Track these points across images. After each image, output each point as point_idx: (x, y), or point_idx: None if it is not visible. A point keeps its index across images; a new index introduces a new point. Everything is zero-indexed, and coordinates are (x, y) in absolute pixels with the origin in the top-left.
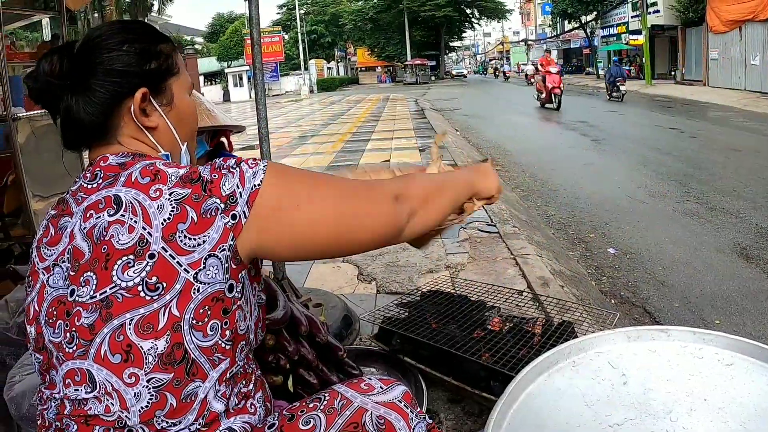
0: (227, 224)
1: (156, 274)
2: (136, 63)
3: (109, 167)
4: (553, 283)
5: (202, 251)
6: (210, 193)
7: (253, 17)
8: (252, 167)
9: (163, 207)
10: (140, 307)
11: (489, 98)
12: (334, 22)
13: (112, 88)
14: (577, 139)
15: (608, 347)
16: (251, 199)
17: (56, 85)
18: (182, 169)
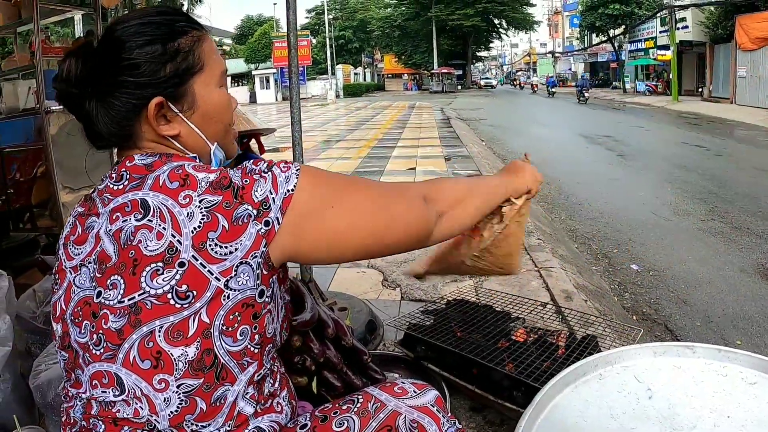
0: (260, 231)
1: (186, 282)
2: (148, 71)
3: (135, 168)
4: (576, 297)
5: (233, 259)
6: (241, 200)
7: (290, 22)
8: (285, 171)
9: (193, 215)
10: (170, 315)
11: (515, 109)
12: (362, 28)
13: (127, 99)
14: (603, 154)
15: (634, 361)
16: (285, 204)
17: (74, 93)
18: (212, 174)
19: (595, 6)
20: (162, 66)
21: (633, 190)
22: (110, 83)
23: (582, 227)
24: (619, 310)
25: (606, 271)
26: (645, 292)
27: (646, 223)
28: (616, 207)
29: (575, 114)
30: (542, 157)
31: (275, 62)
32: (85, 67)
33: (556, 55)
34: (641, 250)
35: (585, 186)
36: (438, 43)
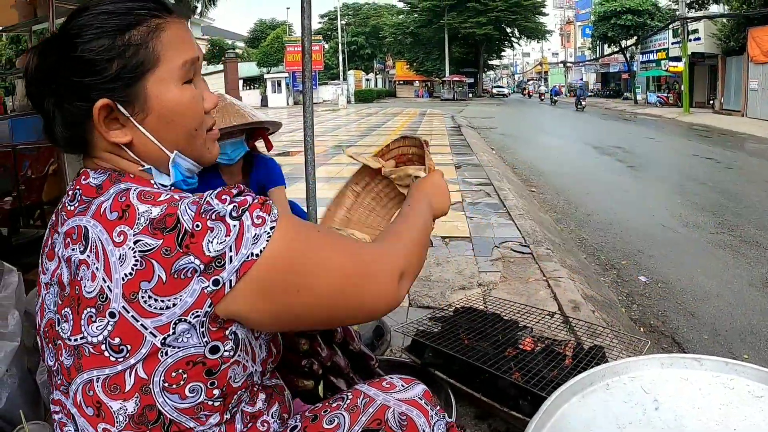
0: (205, 289)
1: (118, 335)
2: (91, 70)
3: (87, 187)
4: (584, 307)
5: (171, 315)
6: (186, 251)
7: (305, 27)
8: (256, 225)
9: (125, 258)
10: (105, 367)
11: (525, 118)
12: (375, 34)
13: (76, 101)
14: (613, 165)
15: (642, 372)
16: (243, 269)
17: (33, 89)
18: (156, 208)
19: (608, 16)
20: (109, 63)
21: (643, 202)
22: (61, 83)
23: (591, 238)
24: (627, 322)
25: (614, 282)
26: (653, 303)
27: (655, 234)
28: (625, 218)
29: (585, 124)
30: (552, 168)
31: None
32: (42, 63)
33: (568, 65)
34: (650, 261)
35: (595, 196)
36: (450, 51)
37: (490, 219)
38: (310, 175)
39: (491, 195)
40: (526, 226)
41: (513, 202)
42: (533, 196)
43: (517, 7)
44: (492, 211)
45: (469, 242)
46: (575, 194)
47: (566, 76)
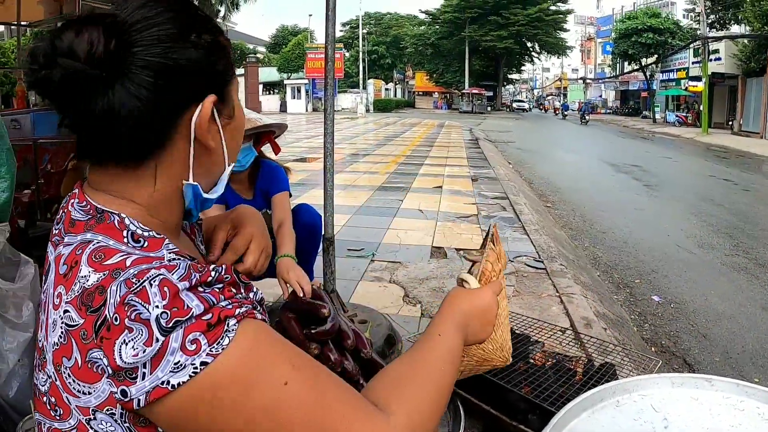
0: (114, 395)
1: (53, 395)
2: (204, 60)
3: (69, 217)
4: (596, 325)
5: (87, 402)
6: (99, 344)
7: (329, 34)
8: (187, 352)
9: (55, 325)
10: (48, 419)
11: (542, 133)
12: (396, 44)
13: (177, 91)
14: (630, 183)
15: (652, 391)
16: (153, 395)
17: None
18: (96, 275)
19: (629, 34)
20: (217, 59)
21: (658, 221)
22: (155, 67)
23: (605, 255)
24: (638, 341)
25: (627, 300)
26: (665, 324)
27: (670, 254)
28: (640, 237)
29: (603, 141)
30: (569, 184)
31: (307, 73)
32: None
33: (587, 82)
34: (663, 281)
35: (610, 214)
36: (470, 64)
37: (505, 233)
38: (329, 181)
39: (507, 209)
40: (540, 241)
41: (528, 216)
42: (549, 211)
43: (538, 21)
44: (507, 225)
45: None
46: (591, 211)
47: (585, 92)
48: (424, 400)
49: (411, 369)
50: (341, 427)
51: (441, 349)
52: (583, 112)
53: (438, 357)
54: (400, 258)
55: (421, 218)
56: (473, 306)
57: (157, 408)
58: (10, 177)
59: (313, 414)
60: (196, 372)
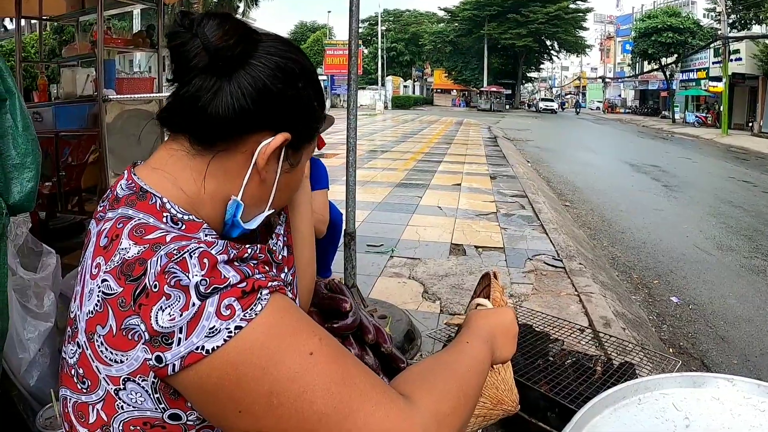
0: (148, 361)
1: (82, 366)
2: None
3: (113, 195)
4: (614, 324)
5: (119, 370)
6: (137, 310)
7: (352, 30)
8: (221, 317)
9: (92, 294)
10: (74, 392)
11: (560, 131)
12: (414, 41)
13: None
14: (648, 183)
15: (674, 389)
16: (188, 360)
17: (217, 63)
18: (137, 247)
19: (649, 33)
20: (313, 119)
21: (677, 222)
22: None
23: (623, 255)
24: (657, 342)
25: (645, 301)
26: (683, 325)
27: (689, 256)
28: (658, 238)
29: (621, 141)
30: (587, 183)
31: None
32: (247, 48)
33: (607, 81)
34: (682, 282)
35: (628, 214)
36: (489, 61)
37: (524, 231)
38: (351, 176)
39: (525, 207)
40: (559, 240)
41: (547, 215)
42: (567, 210)
43: (557, 20)
44: (526, 224)
45: (502, 253)
46: (609, 211)
47: (604, 91)
48: (447, 397)
49: (437, 367)
50: (364, 403)
51: (468, 354)
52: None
53: (464, 362)
54: (419, 254)
55: (440, 215)
56: (498, 322)
57: (189, 374)
58: (35, 167)
59: (336, 386)
60: (230, 336)
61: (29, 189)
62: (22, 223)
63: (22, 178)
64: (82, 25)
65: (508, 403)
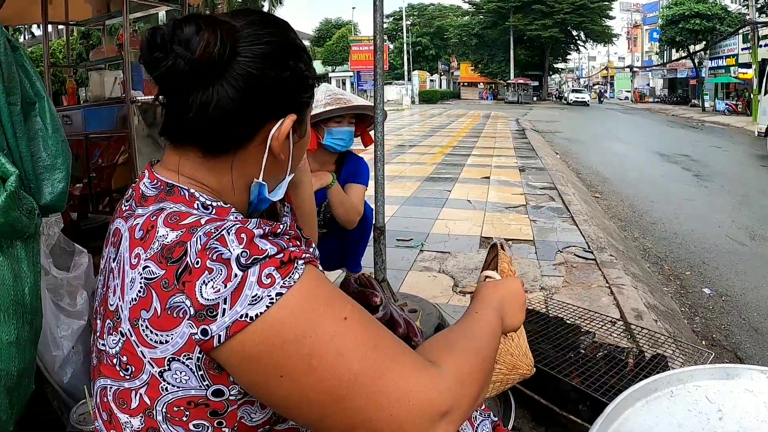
0: (194, 336)
1: (126, 354)
2: (299, 87)
3: (138, 194)
4: (646, 317)
5: (164, 351)
6: (181, 288)
7: (377, 24)
8: (263, 285)
9: (134, 282)
10: (116, 380)
11: (589, 122)
12: (440, 35)
13: (269, 103)
14: (679, 173)
15: (706, 381)
16: (233, 329)
17: (201, 74)
18: (175, 232)
19: (676, 20)
20: (306, 90)
21: (708, 212)
22: (259, 81)
23: (655, 247)
24: (689, 334)
25: (677, 292)
26: (716, 317)
27: (721, 246)
28: (690, 228)
29: (651, 131)
30: (617, 174)
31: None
32: (233, 51)
33: (634, 70)
34: (714, 273)
35: (659, 205)
36: (515, 53)
37: (554, 223)
38: (380, 171)
39: (555, 199)
40: (589, 231)
41: (577, 207)
42: (597, 201)
43: (583, 9)
44: (556, 215)
45: (532, 245)
46: (640, 202)
47: (633, 81)
48: (466, 359)
49: (453, 336)
50: (394, 365)
51: (480, 323)
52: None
53: (478, 329)
54: (449, 248)
55: (470, 208)
56: (506, 292)
57: (234, 343)
58: (66, 168)
59: (369, 349)
60: (272, 303)
61: (60, 189)
62: (54, 224)
63: (53, 179)
64: (108, 29)
65: (523, 367)
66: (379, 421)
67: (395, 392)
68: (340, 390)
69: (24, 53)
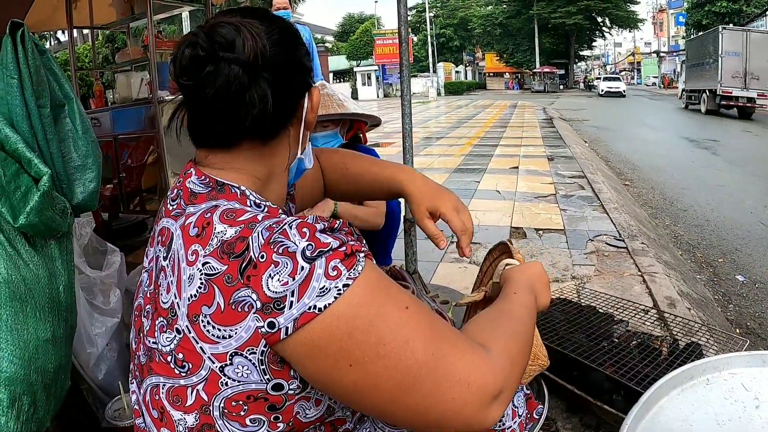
0: (260, 329)
1: (182, 351)
2: (306, 57)
3: (187, 191)
4: (679, 305)
5: (227, 346)
6: (246, 282)
7: (401, 15)
8: (330, 277)
9: (193, 278)
10: (170, 377)
11: (617, 110)
12: (463, 26)
13: (300, 83)
14: (709, 159)
15: (743, 369)
16: (301, 320)
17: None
18: (233, 228)
19: (702, 3)
20: (308, 55)
21: (740, 198)
22: (287, 64)
23: (686, 234)
24: (723, 322)
25: (710, 280)
26: (750, 305)
27: (754, 232)
28: (722, 215)
29: (679, 117)
30: (646, 161)
31: (377, 59)
32: (273, 44)
33: (661, 55)
34: (748, 260)
35: (690, 192)
36: (540, 42)
37: (584, 212)
38: (408, 162)
39: (585, 188)
40: (620, 219)
41: (607, 195)
42: (627, 189)
43: None
44: (586, 204)
45: (563, 235)
46: (670, 188)
47: (660, 66)
48: (513, 339)
49: (496, 317)
50: (452, 350)
51: (518, 303)
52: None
53: (518, 309)
54: (479, 239)
55: (499, 199)
56: (532, 273)
57: (301, 335)
58: (96, 168)
59: (430, 336)
60: (339, 294)
61: (92, 189)
62: (86, 224)
63: (85, 178)
64: (132, 31)
65: (541, 358)
66: (442, 404)
67: (456, 376)
68: (407, 377)
69: (51, 57)
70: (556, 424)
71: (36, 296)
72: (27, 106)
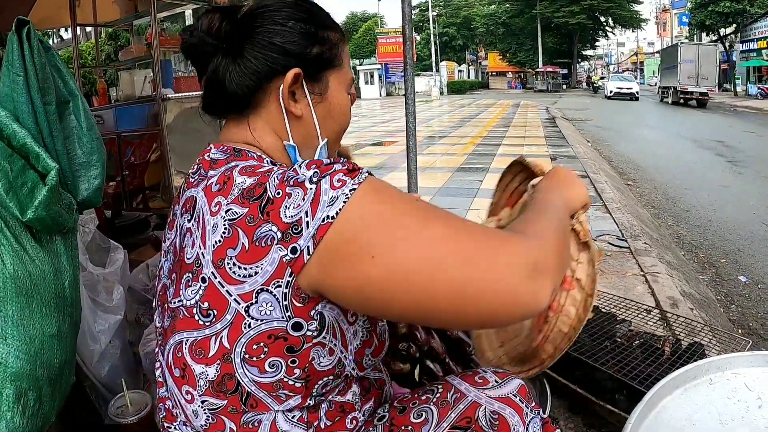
0: (284, 258)
1: (208, 299)
2: (297, 42)
3: (206, 162)
4: (682, 305)
5: (253, 283)
6: (267, 218)
7: (405, 14)
8: (335, 188)
9: (217, 226)
10: (194, 330)
11: (620, 110)
12: (466, 25)
13: (266, 61)
14: (713, 159)
15: (746, 369)
16: (319, 234)
17: (209, 44)
18: (251, 178)
19: (705, 3)
20: (311, 44)
21: (743, 199)
22: (254, 41)
23: (689, 234)
24: (725, 322)
25: (713, 280)
26: (752, 305)
27: (757, 233)
28: (725, 215)
29: (682, 117)
30: (649, 161)
31: (379, 58)
32: (230, 23)
33: None
34: (750, 261)
35: (693, 192)
36: (543, 41)
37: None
38: (412, 162)
39: (587, 187)
40: (623, 219)
41: (610, 194)
42: (630, 189)
43: None
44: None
45: None
46: (673, 189)
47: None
48: (550, 233)
49: (532, 216)
50: (476, 227)
51: (550, 204)
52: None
53: (551, 209)
54: None
55: None
56: (556, 178)
57: (323, 249)
58: (100, 164)
59: (449, 217)
60: (347, 198)
61: (96, 185)
62: (90, 221)
63: (89, 175)
64: (135, 29)
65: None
66: (475, 282)
67: (487, 248)
68: (434, 252)
69: (56, 54)
70: (559, 423)
71: (42, 292)
72: (33, 103)
